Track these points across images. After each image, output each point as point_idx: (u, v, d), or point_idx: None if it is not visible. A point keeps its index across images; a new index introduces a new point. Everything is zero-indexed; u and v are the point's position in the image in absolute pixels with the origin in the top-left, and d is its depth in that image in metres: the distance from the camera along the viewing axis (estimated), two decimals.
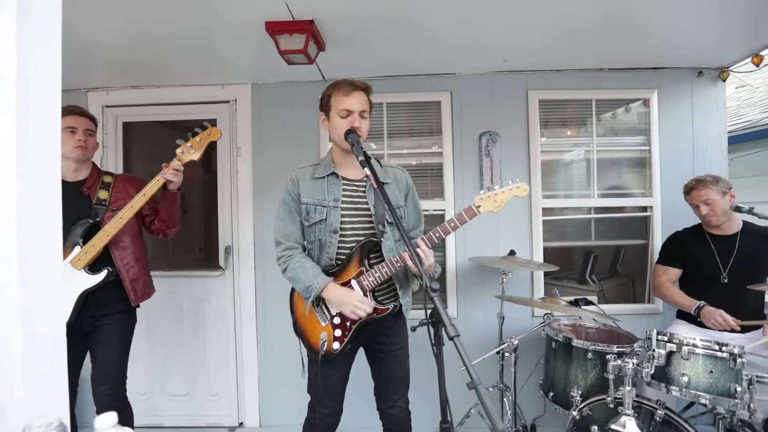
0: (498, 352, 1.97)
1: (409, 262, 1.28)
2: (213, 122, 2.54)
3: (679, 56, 2.28)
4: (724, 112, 2.44)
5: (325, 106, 1.42)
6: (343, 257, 1.41)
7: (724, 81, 2.42)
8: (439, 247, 2.50)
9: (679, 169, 2.40)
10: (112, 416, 0.67)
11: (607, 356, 1.48)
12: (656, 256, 2.17)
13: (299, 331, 1.46)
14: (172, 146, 1.69)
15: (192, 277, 2.57)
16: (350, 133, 1.31)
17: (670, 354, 1.36)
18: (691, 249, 1.98)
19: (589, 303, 2.19)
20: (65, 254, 1.60)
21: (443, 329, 0.81)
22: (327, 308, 1.41)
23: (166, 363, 2.55)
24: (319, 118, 1.47)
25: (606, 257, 2.68)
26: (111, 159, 2.55)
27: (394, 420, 1.50)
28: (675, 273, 2.03)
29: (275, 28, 1.70)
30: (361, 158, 1.22)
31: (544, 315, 1.79)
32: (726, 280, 1.86)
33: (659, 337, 1.38)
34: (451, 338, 0.79)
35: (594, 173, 2.46)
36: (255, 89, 2.49)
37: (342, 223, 1.40)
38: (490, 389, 2.16)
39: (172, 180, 1.63)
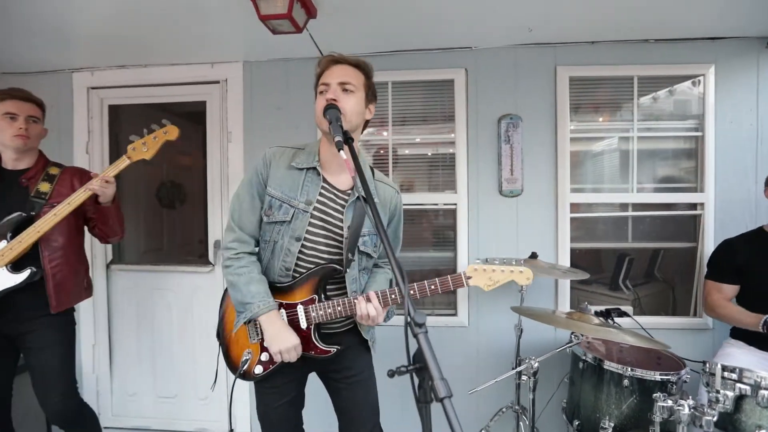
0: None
1: (361, 309, 1.09)
2: (203, 105, 2.37)
3: (743, 23, 1.89)
4: None
5: (315, 88, 1.20)
6: (300, 273, 1.17)
7: None
8: (449, 247, 2.22)
9: (739, 159, 2.02)
10: None
11: (655, 395, 1.17)
12: (707, 262, 1.83)
13: (222, 339, 1.25)
14: None
15: (181, 272, 2.39)
16: (329, 108, 1.05)
17: (740, 397, 1.05)
18: (749, 258, 1.64)
19: (623, 314, 1.89)
20: None
21: (430, 383, 0.55)
22: (261, 326, 1.17)
23: (155, 363, 2.40)
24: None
25: (642, 260, 2.33)
26: (96, 145, 2.37)
27: None
28: (731, 290, 1.69)
29: None
30: (338, 138, 0.95)
31: (571, 334, 1.49)
32: None
33: (726, 374, 1.07)
34: (439, 400, 0.54)
35: (634, 164, 2.10)
36: (247, 68, 2.25)
37: (306, 232, 1.15)
38: (504, 410, 1.89)
39: (100, 193, 1.46)
